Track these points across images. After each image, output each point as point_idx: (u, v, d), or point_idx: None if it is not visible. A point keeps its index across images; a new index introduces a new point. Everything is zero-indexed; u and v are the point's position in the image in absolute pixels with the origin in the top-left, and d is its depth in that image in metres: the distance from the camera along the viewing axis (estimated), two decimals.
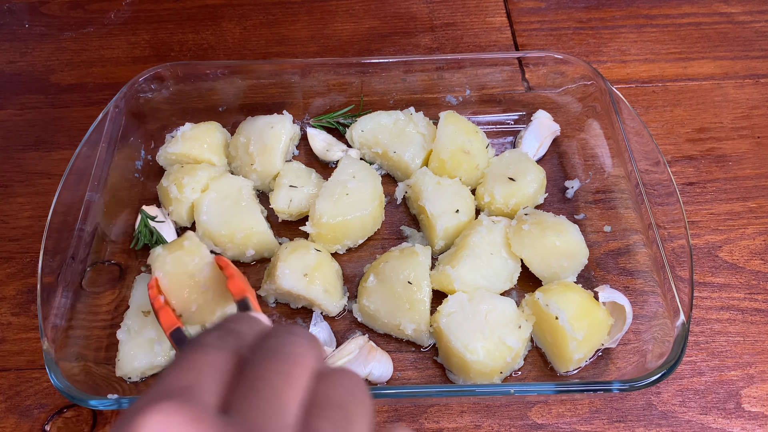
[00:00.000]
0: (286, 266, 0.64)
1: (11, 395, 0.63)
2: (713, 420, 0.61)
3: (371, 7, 1.00)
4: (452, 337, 0.59)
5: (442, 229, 0.68)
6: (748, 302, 0.68)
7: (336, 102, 0.83)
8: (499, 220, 0.69)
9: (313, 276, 0.64)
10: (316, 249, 0.67)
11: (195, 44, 0.96)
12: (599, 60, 0.92)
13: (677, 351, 0.56)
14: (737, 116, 0.84)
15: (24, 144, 0.83)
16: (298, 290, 0.64)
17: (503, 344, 0.59)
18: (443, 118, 0.75)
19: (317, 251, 0.66)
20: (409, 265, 0.64)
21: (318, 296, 0.64)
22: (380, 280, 0.65)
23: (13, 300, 0.70)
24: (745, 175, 0.78)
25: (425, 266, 0.65)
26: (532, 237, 0.66)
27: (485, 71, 0.82)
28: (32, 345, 0.66)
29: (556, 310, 0.60)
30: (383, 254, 0.68)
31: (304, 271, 0.64)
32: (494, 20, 0.98)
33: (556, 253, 0.65)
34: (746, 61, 0.90)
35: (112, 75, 0.92)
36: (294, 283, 0.64)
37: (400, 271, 0.64)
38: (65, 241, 0.65)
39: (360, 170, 0.72)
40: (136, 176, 0.78)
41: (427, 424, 0.61)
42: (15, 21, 0.99)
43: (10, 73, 0.92)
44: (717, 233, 0.73)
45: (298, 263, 0.65)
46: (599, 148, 0.77)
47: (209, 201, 0.70)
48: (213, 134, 0.77)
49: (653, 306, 0.64)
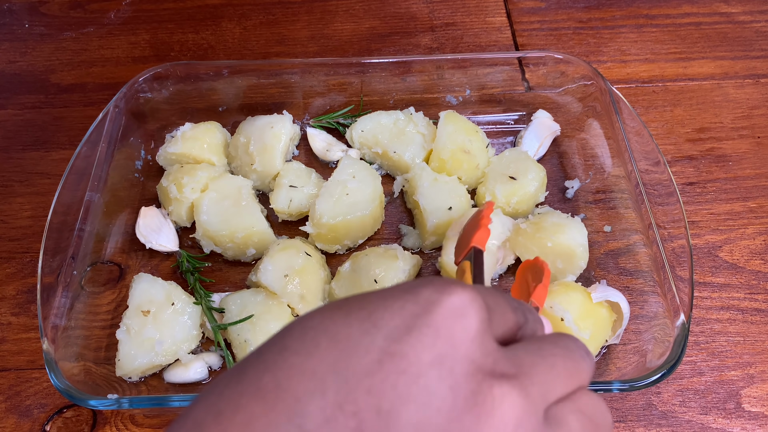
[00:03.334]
0: (271, 263, 0.65)
1: (11, 395, 0.63)
2: (713, 420, 0.61)
3: (371, 7, 1.00)
4: None
5: (433, 224, 0.68)
6: (748, 302, 0.68)
7: (336, 102, 0.83)
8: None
9: (293, 279, 0.64)
10: (307, 253, 0.67)
11: (195, 44, 0.96)
12: (599, 60, 0.92)
13: (677, 351, 0.56)
14: (737, 116, 0.84)
15: (24, 144, 0.83)
16: (274, 288, 0.64)
17: None
18: (443, 118, 0.75)
19: (307, 255, 0.66)
20: (383, 265, 0.64)
21: (292, 300, 0.64)
22: (354, 269, 0.65)
23: (13, 300, 0.70)
24: (745, 175, 0.78)
25: (401, 271, 0.64)
26: (526, 236, 0.66)
27: (485, 71, 0.82)
28: (32, 345, 0.66)
29: (561, 312, 0.60)
30: (372, 247, 0.68)
31: (286, 272, 0.64)
32: (494, 20, 0.98)
33: (551, 254, 0.65)
34: (746, 61, 0.90)
35: (112, 75, 0.92)
36: (272, 281, 0.64)
37: (374, 267, 0.64)
38: (65, 241, 0.65)
39: (360, 170, 0.72)
40: (136, 176, 0.78)
41: None
42: (15, 21, 0.99)
43: (10, 73, 0.92)
44: (717, 233, 0.73)
45: (283, 263, 0.65)
46: (599, 148, 0.77)
47: (209, 201, 0.70)
48: (213, 134, 0.77)
49: (653, 306, 0.64)
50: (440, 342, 0.23)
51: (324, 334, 0.24)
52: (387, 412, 0.22)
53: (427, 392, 0.22)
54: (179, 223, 0.73)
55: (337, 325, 0.24)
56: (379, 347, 0.23)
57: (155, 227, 0.71)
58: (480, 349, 0.24)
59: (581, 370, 0.28)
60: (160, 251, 0.71)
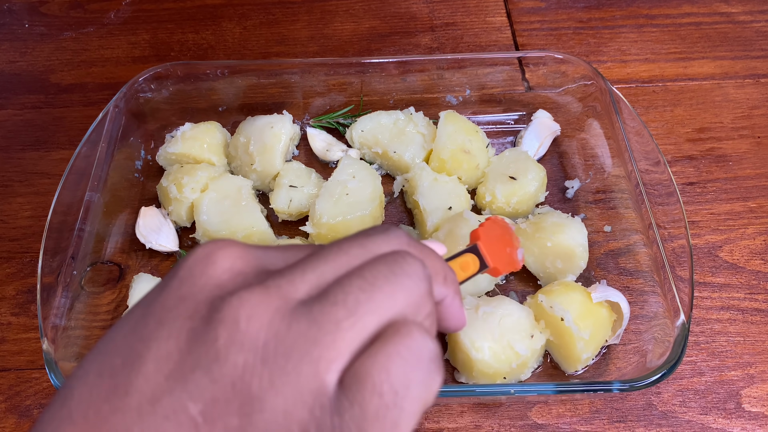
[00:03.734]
0: None
1: (11, 395, 0.63)
2: (713, 420, 0.61)
3: (371, 7, 1.00)
4: (461, 332, 0.59)
5: (433, 225, 0.68)
6: (748, 302, 0.68)
7: (336, 102, 0.83)
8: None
9: None
10: None
11: (195, 44, 0.96)
12: (599, 60, 0.92)
13: (677, 351, 0.56)
14: (737, 116, 0.84)
15: (24, 144, 0.83)
16: None
17: (511, 349, 0.59)
18: (443, 118, 0.75)
19: None
20: None
21: None
22: None
23: (12, 300, 0.70)
24: (745, 175, 0.78)
25: None
26: (526, 236, 0.67)
27: (485, 71, 0.82)
28: (32, 345, 0.66)
29: (561, 312, 0.60)
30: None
31: None
32: (494, 20, 0.98)
33: (550, 254, 0.65)
34: (746, 61, 0.90)
35: (112, 75, 0.92)
36: None
37: None
38: (65, 241, 0.65)
39: (360, 170, 0.72)
40: (136, 176, 0.78)
41: (427, 424, 0.61)
42: (15, 21, 0.99)
43: (10, 73, 0.92)
44: (717, 233, 0.73)
45: None
46: (599, 147, 0.77)
47: (209, 201, 0.70)
48: (213, 134, 0.77)
49: (653, 306, 0.64)
50: (184, 286, 0.26)
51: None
52: (139, 355, 0.24)
53: (167, 327, 0.25)
54: (179, 223, 0.73)
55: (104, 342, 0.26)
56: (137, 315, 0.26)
57: (155, 227, 0.71)
58: (227, 276, 0.26)
59: (354, 256, 0.28)
60: (160, 251, 0.71)
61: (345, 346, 0.24)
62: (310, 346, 0.24)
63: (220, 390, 0.23)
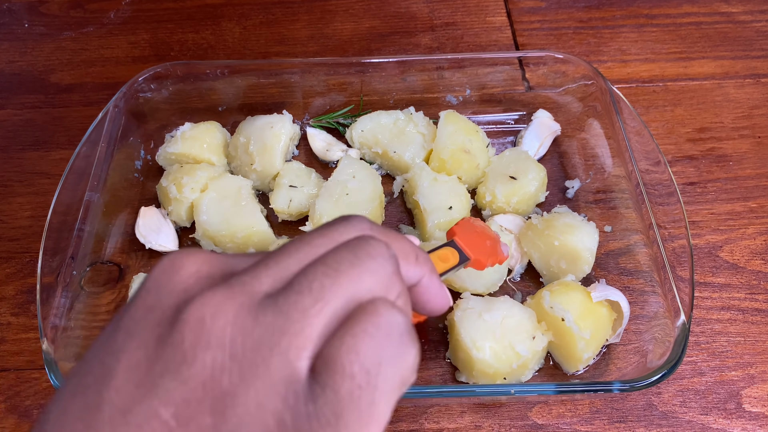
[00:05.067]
0: None
1: (11, 395, 0.63)
2: (714, 420, 0.60)
3: (371, 7, 1.00)
4: (463, 331, 0.59)
5: (433, 224, 0.68)
6: (748, 302, 0.68)
7: (336, 102, 0.83)
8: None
9: None
10: None
11: (195, 44, 0.95)
12: (599, 60, 0.92)
13: (678, 351, 0.55)
14: (738, 116, 0.84)
15: (23, 144, 0.83)
16: None
17: (512, 349, 0.59)
18: (443, 118, 0.75)
19: None
20: None
21: None
22: None
23: (12, 300, 0.69)
24: (745, 175, 0.78)
25: None
26: (535, 231, 0.67)
27: (485, 71, 0.82)
28: (32, 345, 0.66)
29: (561, 312, 0.60)
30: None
31: None
32: (494, 20, 0.98)
33: (556, 253, 0.65)
34: (747, 61, 0.90)
35: (112, 75, 0.92)
36: None
37: None
38: (64, 241, 0.65)
39: (360, 170, 0.72)
40: (136, 176, 0.78)
41: (427, 424, 0.61)
42: (14, 21, 0.99)
43: (10, 72, 0.92)
44: (717, 233, 0.73)
45: None
46: (600, 147, 0.77)
47: (209, 201, 0.70)
48: (213, 134, 0.77)
49: (654, 306, 0.64)
50: (151, 296, 0.26)
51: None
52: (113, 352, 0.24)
53: (137, 338, 0.25)
54: (179, 223, 0.73)
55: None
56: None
57: (155, 227, 0.71)
58: (193, 280, 0.26)
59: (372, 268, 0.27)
60: (160, 251, 0.71)
61: (313, 332, 0.24)
62: (278, 336, 0.24)
63: (191, 391, 0.23)
